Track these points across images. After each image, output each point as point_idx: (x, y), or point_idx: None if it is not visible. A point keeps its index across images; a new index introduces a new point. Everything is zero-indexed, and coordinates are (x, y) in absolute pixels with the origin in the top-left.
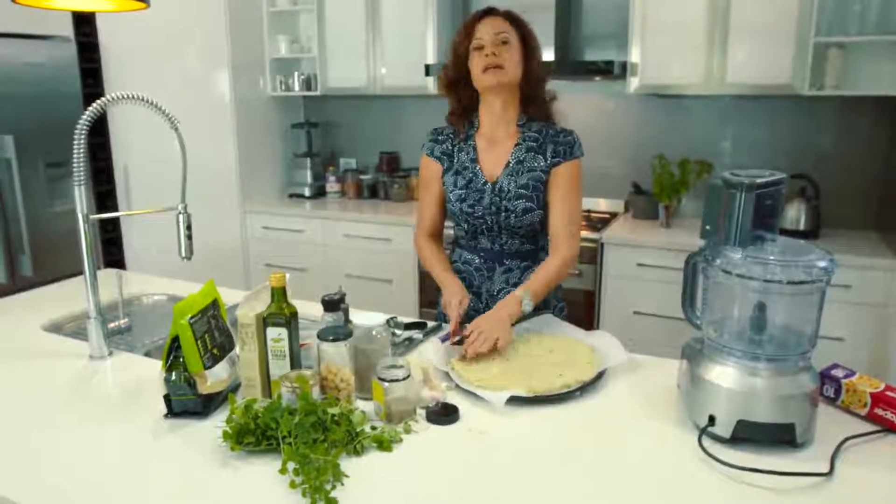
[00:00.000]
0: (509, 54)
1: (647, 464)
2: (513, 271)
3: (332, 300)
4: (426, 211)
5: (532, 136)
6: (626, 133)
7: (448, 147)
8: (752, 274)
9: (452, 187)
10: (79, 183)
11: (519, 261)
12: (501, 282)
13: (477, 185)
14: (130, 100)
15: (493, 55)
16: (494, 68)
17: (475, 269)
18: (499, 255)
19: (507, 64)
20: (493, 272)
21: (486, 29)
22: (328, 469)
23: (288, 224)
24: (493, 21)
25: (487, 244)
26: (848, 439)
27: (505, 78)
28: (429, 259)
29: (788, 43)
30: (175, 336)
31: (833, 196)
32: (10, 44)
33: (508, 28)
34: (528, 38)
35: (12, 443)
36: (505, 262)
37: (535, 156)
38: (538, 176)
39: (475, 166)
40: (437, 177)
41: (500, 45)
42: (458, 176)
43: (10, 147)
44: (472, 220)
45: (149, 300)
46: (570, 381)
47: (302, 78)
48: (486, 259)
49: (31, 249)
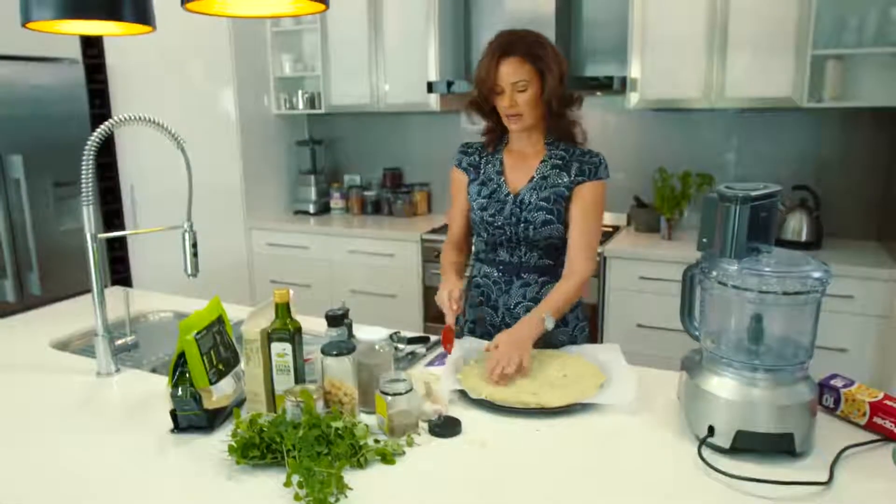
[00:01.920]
0: (526, 101)
1: (647, 475)
2: (531, 286)
3: (336, 315)
4: (453, 221)
5: (559, 154)
6: (628, 147)
7: (475, 159)
8: (747, 285)
9: (476, 196)
10: (87, 203)
11: (537, 275)
12: (519, 296)
13: (500, 195)
14: (137, 121)
15: (512, 106)
16: (515, 116)
17: (493, 282)
18: (517, 269)
19: (525, 111)
20: (510, 286)
21: (506, 74)
22: (332, 482)
23: (293, 240)
24: (512, 64)
25: (506, 256)
26: (847, 448)
27: (525, 124)
28: (443, 264)
29: (787, 56)
30: (181, 352)
31: (834, 207)
32: (19, 66)
33: (527, 70)
34: (545, 74)
35: (21, 457)
36: (523, 276)
37: (559, 172)
38: (561, 192)
39: (500, 178)
40: (463, 188)
41: (517, 94)
42: (482, 186)
43: (20, 167)
44: (491, 230)
45: (155, 317)
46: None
47: (306, 96)
48: (504, 272)
49: (40, 267)
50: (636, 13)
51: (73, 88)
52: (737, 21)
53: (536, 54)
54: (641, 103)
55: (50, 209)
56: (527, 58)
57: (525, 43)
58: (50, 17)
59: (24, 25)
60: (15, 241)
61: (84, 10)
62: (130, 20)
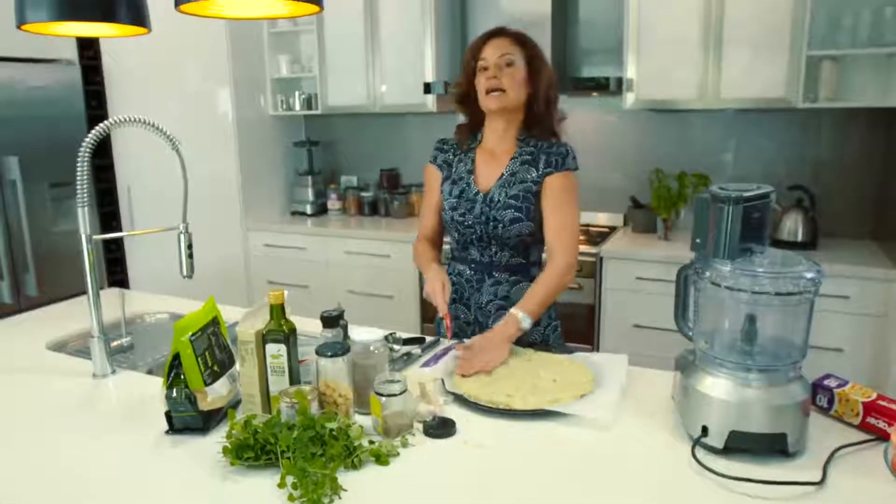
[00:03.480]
0: (511, 77)
1: (640, 474)
2: (502, 284)
3: (331, 316)
4: (425, 217)
5: (528, 151)
6: (624, 147)
7: (450, 157)
8: (740, 286)
9: (448, 196)
10: (83, 204)
11: (508, 274)
12: (490, 294)
13: (469, 194)
14: (132, 122)
15: (495, 78)
16: (496, 91)
17: (465, 280)
18: (488, 267)
19: (508, 86)
20: (482, 284)
21: (492, 50)
22: (326, 483)
23: (290, 241)
24: (500, 42)
25: (477, 255)
26: (840, 448)
27: (506, 102)
28: (419, 256)
29: (782, 56)
30: (176, 353)
31: (830, 207)
32: (15, 68)
33: (514, 49)
34: (534, 60)
35: (16, 458)
36: (494, 275)
37: (528, 168)
38: (528, 187)
39: (470, 177)
40: (436, 185)
41: (503, 68)
42: (454, 185)
43: (16, 168)
44: (462, 230)
45: (151, 318)
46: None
47: (303, 97)
48: (476, 270)
49: (36, 269)
50: (632, 14)
51: (70, 90)
52: (732, 22)
53: (526, 40)
54: (637, 104)
55: (46, 211)
56: (516, 40)
57: (516, 32)
58: (45, 19)
59: (19, 27)
60: (11, 243)
61: (79, 11)
62: (125, 22)
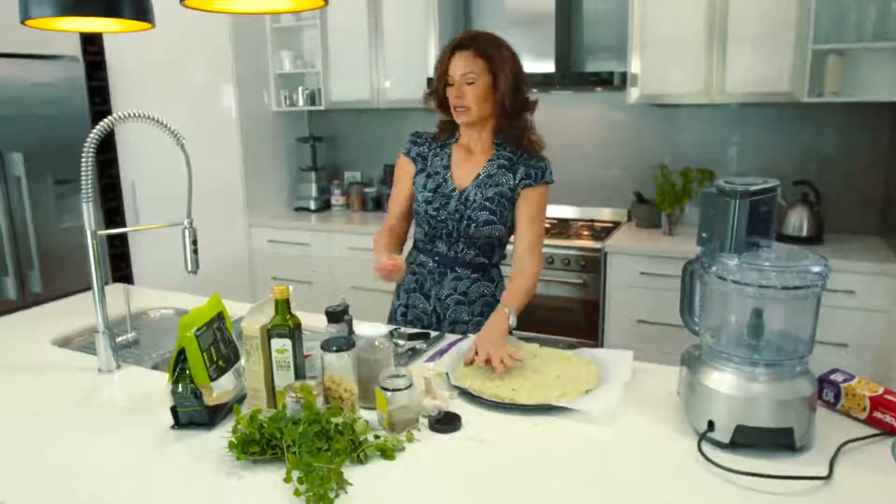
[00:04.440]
0: (474, 95)
1: (647, 470)
2: (462, 280)
3: (336, 311)
4: (392, 208)
5: (506, 156)
6: (628, 143)
7: (424, 150)
8: (747, 280)
9: (422, 189)
10: (87, 200)
11: (470, 271)
12: (450, 288)
13: (445, 190)
14: (136, 118)
15: (458, 97)
16: (461, 108)
17: (428, 271)
18: (452, 262)
19: (472, 103)
20: (443, 277)
21: (457, 66)
22: (332, 477)
23: (293, 237)
24: (464, 57)
25: (444, 249)
26: (847, 443)
27: (471, 117)
28: (377, 246)
29: (787, 51)
30: (181, 349)
31: (836, 202)
32: (19, 64)
33: (477, 64)
34: (495, 71)
35: (22, 454)
36: (457, 270)
37: (505, 173)
38: (504, 192)
39: (447, 172)
40: (408, 177)
41: (464, 86)
42: (428, 179)
43: (20, 165)
44: (433, 224)
45: (156, 314)
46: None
47: (306, 93)
48: (439, 263)
49: (41, 265)
50: (636, 9)
51: (74, 86)
52: (736, 16)
53: (489, 52)
54: (642, 99)
55: (51, 207)
56: (478, 53)
57: (481, 41)
58: (48, 15)
59: (23, 23)
60: (16, 239)
61: (83, 7)
62: (129, 17)
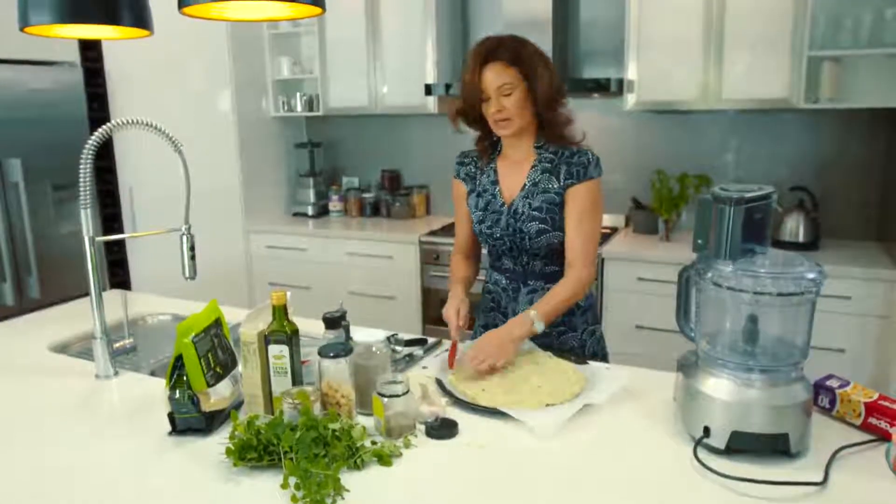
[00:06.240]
0: (514, 104)
1: (643, 475)
2: (537, 292)
3: (333, 317)
4: (458, 231)
5: (548, 158)
6: (626, 149)
7: (472, 170)
8: (742, 286)
9: (474, 209)
10: (85, 206)
11: (543, 282)
12: (526, 302)
13: (495, 206)
14: (135, 124)
15: (499, 111)
16: (503, 121)
17: (502, 289)
18: (522, 276)
19: (513, 114)
20: (518, 293)
21: (491, 80)
22: (329, 483)
23: (291, 243)
24: (496, 69)
25: (510, 264)
26: (842, 449)
27: (514, 127)
28: (451, 272)
29: (783, 57)
30: (179, 355)
31: (832, 207)
32: (18, 70)
33: (510, 74)
34: (530, 75)
35: (19, 460)
36: (529, 283)
37: (549, 177)
38: (552, 198)
39: (495, 188)
40: (463, 198)
41: (503, 98)
42: (479, 198)
43: (18, 170)
44: (491, 241)
45: (153, 320)
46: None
47: (304, 98)
48: (511, 279)
49: (38, 271)
50: (633, 15)
51: (72, 92)
52: (733, 23)
53: (519, 57)
54: (638, 105)
55: (49, 213)
56: (510, 61)
57: (507, 47)
58: (48, 22)
59: (22, 29)
60: (14, 245)
61: (82, 14)
62: (128, 24)
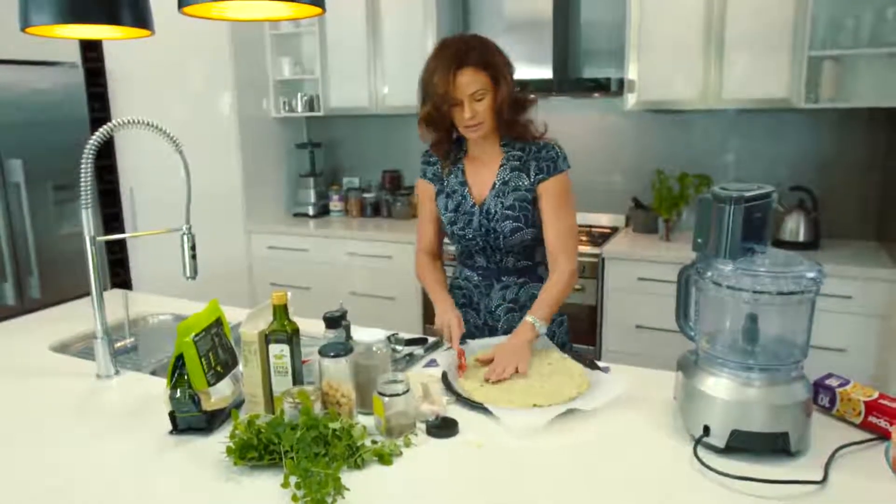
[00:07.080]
0: (484, 108)
1: (643, 474)
2: (510, 287)
3: (334, 317)
4: (423, 230)
5: (516, 155)
6: (626, 148)
7: (438, 169)
8: (742, 286)
9: (444, 210)
10: (86, 206)
11: (516, 277)
12: (499, 298)
13: (465, 207)
14: (135, 124)
15: (474, 115)
16: (475, 125)
17: (474, 285)
18: (496, 273)
19: (484, 118)
20: (490, 289)
21: (464, 86)
22: (329, 482)
23: (292, 243)
24: (468, 74)
25: (483, 262)
26: (842, 447)
27: (484, 130)
28: (424, 276)
29: (783, 57)
30: (179, 354)
31: (832, 207)
32: (19, 70)
33: (481, 78)
34: (499, 79)
35: (20, 459)
36: (502, 279)
37: (519, 174)
38: (523, 195)
39: (464, 189)
40: (431, 198)
41: (476, 102)
42: (448, 199)
43: (19, 171)
44: (464, 242)
45: (154, 320)
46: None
47: (305, 99)
48: (483, 276)
49: (40, 271)
50: (633, 15)
51: (73, 92)
52: (733, 22)
53: (489, 62)
54: (639, 105)
55: (50, 213)
56: (482, 66)
57: (478, 53)
58: (49, 22)
59: (23, 30)
60: (15, 245)
61: (83, 14)
62: (129, 25)
